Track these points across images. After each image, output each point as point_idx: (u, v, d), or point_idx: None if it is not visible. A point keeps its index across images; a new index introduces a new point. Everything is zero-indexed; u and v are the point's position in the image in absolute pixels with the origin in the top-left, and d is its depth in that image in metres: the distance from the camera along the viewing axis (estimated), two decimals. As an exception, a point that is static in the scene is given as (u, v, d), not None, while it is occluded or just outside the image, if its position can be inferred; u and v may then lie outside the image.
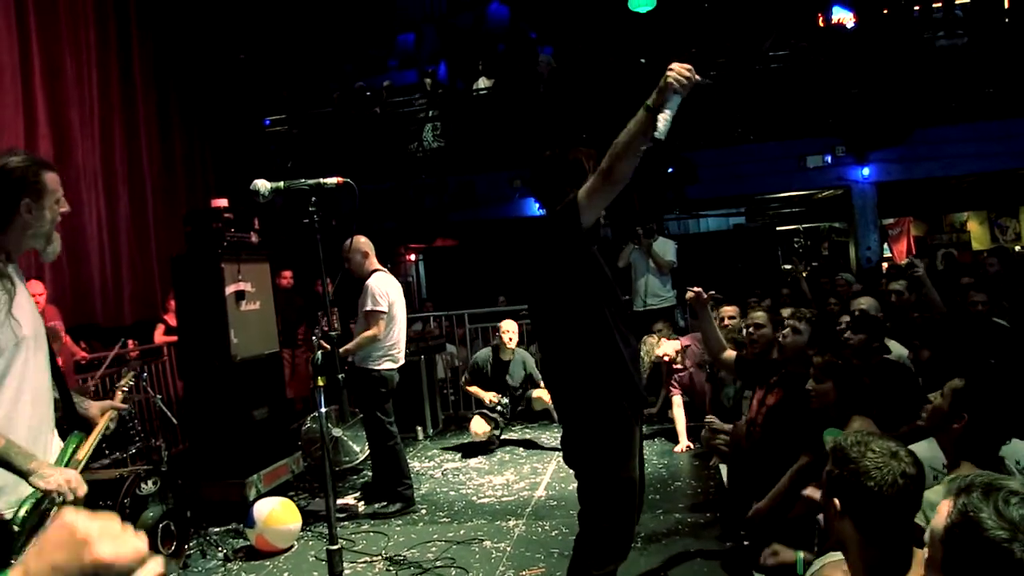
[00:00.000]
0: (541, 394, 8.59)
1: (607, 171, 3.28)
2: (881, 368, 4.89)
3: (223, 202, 7.01)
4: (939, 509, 1.69)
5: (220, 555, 5.83)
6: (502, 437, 8.85)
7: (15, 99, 8.01)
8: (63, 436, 3.10)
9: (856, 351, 4.91)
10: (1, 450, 2.72)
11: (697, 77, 3.01)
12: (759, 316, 5.39)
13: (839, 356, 4.17)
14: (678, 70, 2.97)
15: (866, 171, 12.24)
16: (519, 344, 8.91)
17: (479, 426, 8.51)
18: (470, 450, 8.54)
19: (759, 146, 12.54)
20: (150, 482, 5.27)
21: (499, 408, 8.61)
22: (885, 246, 16.80)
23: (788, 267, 14.36)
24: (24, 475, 2.75)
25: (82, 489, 2.85)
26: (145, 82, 10.22)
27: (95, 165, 9.14)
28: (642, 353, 8.56)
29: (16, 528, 2.75)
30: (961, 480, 1.70)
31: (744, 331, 5.50)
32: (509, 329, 8.70)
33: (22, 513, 2.77)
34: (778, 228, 17.47)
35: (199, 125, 11.42)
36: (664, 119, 3.07)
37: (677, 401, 8.17)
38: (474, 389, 8.84)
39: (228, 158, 11.86)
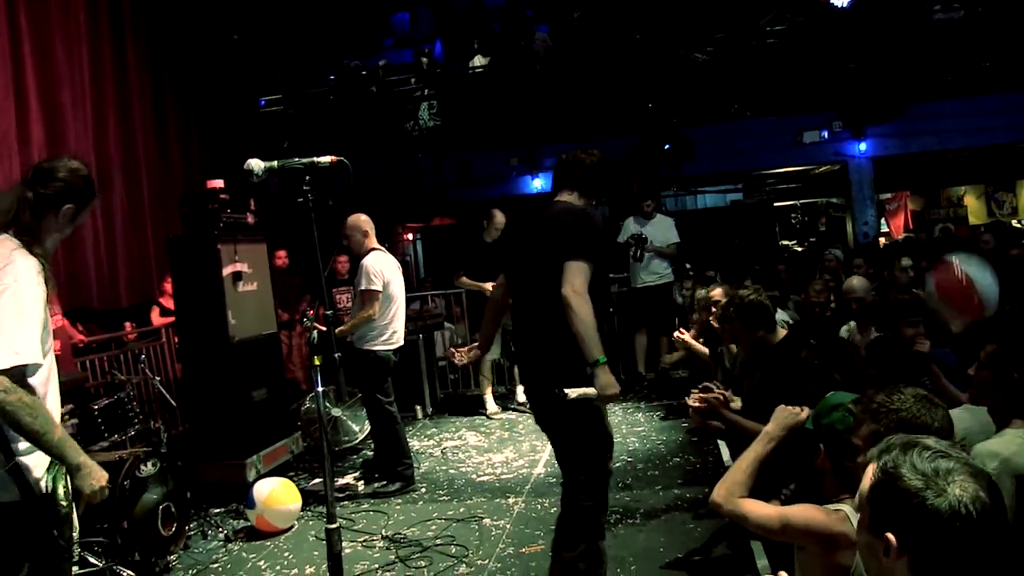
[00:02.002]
0: None
1: (575, 303, 3.71)
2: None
3: (219, 183, 6.99)
4: (867, 472, 1.71)
5: (221, 536, 5.86)
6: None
7: (7, 82, 7.95)
8: None
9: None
10: (58, 441, 2.76)
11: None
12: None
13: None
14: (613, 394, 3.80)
15: (863, 146, 12.20)
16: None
17: (493, 406, 8.88)
18: (469, 428, 8.57)
19: (756, 122, 12.48)
20: (150, 464, 5.27)
21: None
22: (882, 221, 16.79)
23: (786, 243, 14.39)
24: (73, 469, 2.80)
25: (105, 495, 2.93)
26: (138, 64, 10.14)
27: (88, 148, 9.08)
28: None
29: (63, 504, 2.80)
30: (883, 442, 1.73)
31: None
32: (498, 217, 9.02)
33: (61, 491, 2.81)
34: (775, 204, 17.43)
35: (194, 106, 11.34)
36: (580, 392, 3.71)
37: None
38: (466, 280, 9.00)
39: (223, 139, 11.80)
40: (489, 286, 8.54)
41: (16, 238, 2.88)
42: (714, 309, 7.41)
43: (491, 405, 9.08)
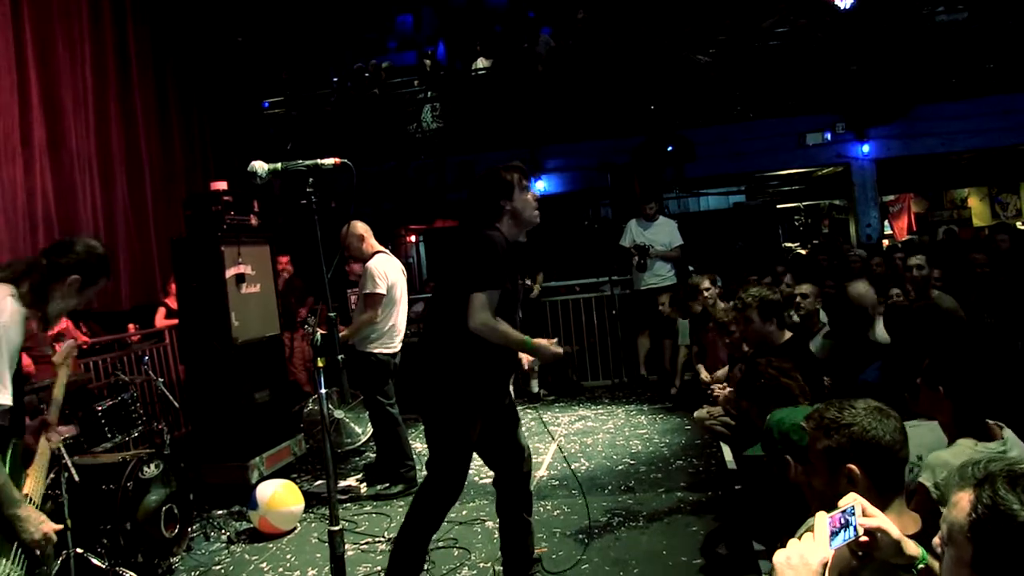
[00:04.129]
0: None
1: (487, 333, 3.91)
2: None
3: (222, 185, 6.98)
4: (956, 502, 1.63)
5: (223, 537, 5.86)
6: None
7: (10, 83, 7.98)
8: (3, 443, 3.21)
9: None
10: (3, 482, 2.94)
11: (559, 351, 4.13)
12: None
13: None
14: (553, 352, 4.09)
15: (866, 148, 12.20)
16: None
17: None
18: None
19: (759, 123, 12.47)
20: (153, 465, 5.27)
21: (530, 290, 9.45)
22: (886, 223, 16.77)
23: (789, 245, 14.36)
24: (12, 519, 2.94)
25: (52, 543, 3.08)
26: (141, 64, 10.16)
27: (90, 149, 9.10)
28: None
29: None
30: (975, 470, 1.65)
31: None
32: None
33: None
34: (778, 206, 17.42)
35: (197, 108, 11.36)
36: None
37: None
38: None
39: (227, 141, 11.82)
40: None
41: (16, 291, 3.09)
42: (706, 294, 7.56)
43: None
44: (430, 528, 4.16)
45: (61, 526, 3.13)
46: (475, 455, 4.23)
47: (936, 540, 1.74)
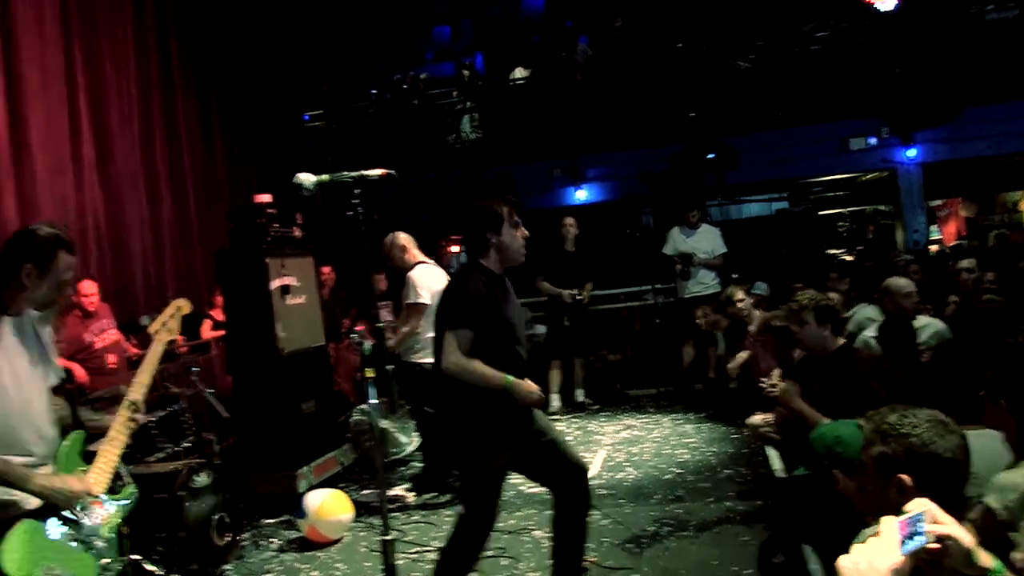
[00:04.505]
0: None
1: (463, 372, 3.88)
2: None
3: (266, 197, 7.05)
4: None
5: (273, 546, 5.89)
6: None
7: (60, 101, 8.11)
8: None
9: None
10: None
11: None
12: None
13: None
14: (530, 396, 3.97)
15: (912, 152, 12.02)
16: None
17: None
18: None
19: (801, 129, 12.32)
20: (203, 475, 5.32)
21: (578, 297, 9.41)
22: (933, 228, 16.51)
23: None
24: (35, 493, 3.08)
25: (82, 493, 3.19)
26: (184, 80, 10.30)
27: (136, 165, 9.23)
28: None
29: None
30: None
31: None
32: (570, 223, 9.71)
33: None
34: (821, 212, 17.22)
35: (239, 122, 11.48)
36: None
37: None
38: (546, 286, 9.49)
39: (269, 154, 11.93)
40: (566, 292, 9.35)
41: None
42: (739, 305, 7.47)
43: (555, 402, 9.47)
44: (472, 554, 4.13)
45: (88, 480, 3.21)
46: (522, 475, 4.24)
47: (1018, 555, 1.69)
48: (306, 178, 3.62)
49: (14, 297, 3.23)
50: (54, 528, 3.09)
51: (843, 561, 1.76)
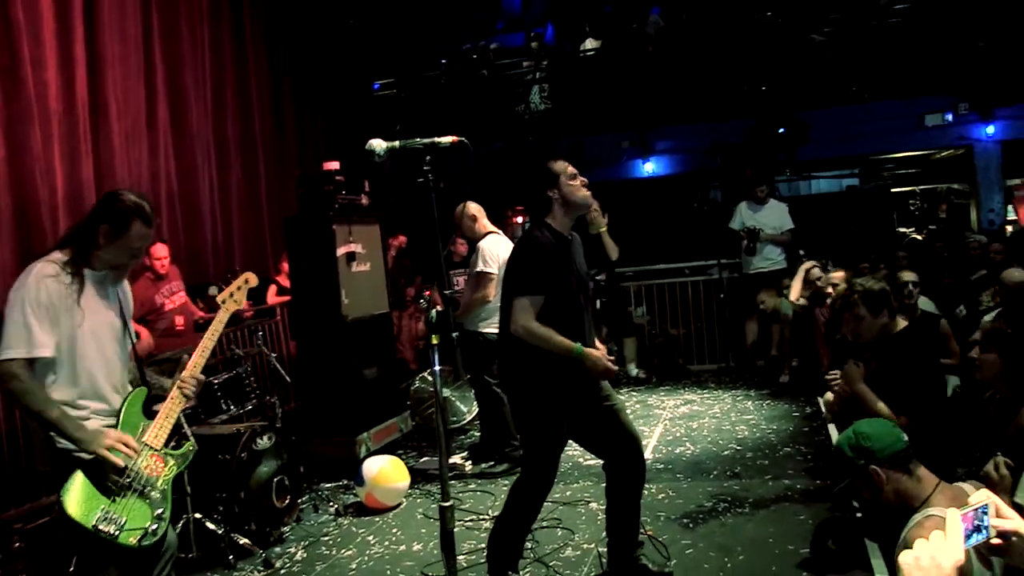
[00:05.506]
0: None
1: (532, 336, 3.93)
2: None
3: (335, 165, 7.11)
4: None
5: (331, 510, 6.00)
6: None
7: (138, 67, 8.26)
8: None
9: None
10: (56, 419, 3.20)
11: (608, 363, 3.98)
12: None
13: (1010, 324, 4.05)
14: (602, 366, 3.95)
15: (991, 129, 11.66)
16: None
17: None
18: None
19: (875, 105, 12.02)
20: (265, 438, 5.43)
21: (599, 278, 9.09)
22: (1009, 208, 16.04)
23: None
24: (77, 442, 3.20)
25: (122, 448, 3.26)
26: (256, 46, 10.40)
27: (208, 130, 9.37)
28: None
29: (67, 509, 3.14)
30: None
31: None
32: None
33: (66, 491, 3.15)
34: (893, 190, 16.86)
35: (309, 89, 11.58)
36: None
37: None
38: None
39: (338, 122, 12.03)
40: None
41: (63, 253, 3.39)
42: (830, 291, 7.33)
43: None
44: (527, 518, 4.21)
45: (128, 437, 3.30)
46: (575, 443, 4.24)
47: None
48: (377, 144, 3.63)
49: (93, 254, 3.40)
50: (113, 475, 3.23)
51: (905, 558, 1.70)
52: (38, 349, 3.22)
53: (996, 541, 1.77)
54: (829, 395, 5.80)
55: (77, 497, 3.10)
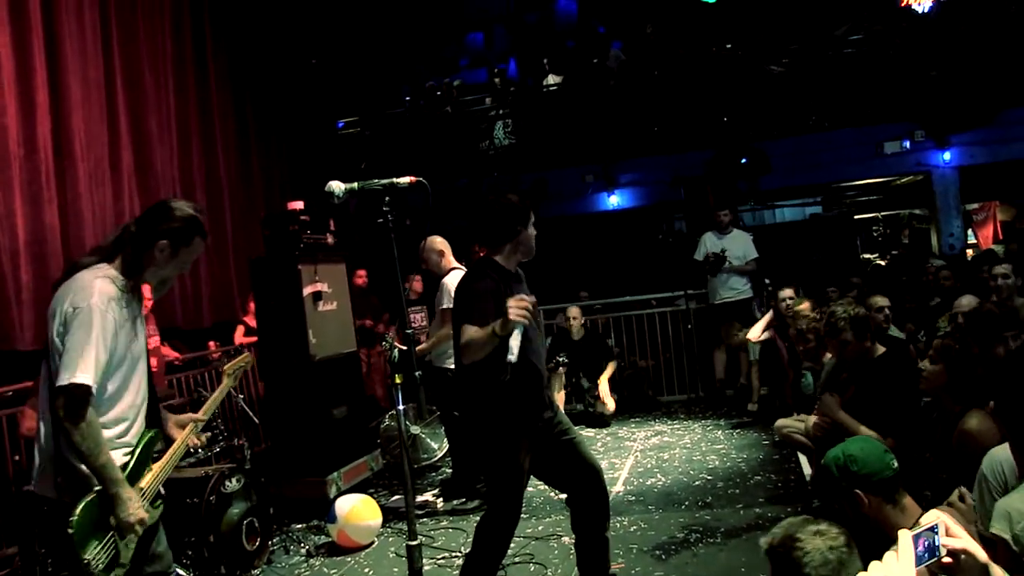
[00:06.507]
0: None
1: (463, 351, 3.90)
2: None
3: (299, 205, 7.12)
4: None
5: (303, 551, 5.95)
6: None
7: (101, 110, 8.22)
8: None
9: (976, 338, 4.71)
10: (101, 465, 2.99)
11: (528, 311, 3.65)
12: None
13: (959, 341, 4.15)
14: (518, 309, 3.57)
15: (947, 155, 11.89)
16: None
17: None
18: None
19: (834, 133, 12.25)
20: (234, 480, 5.38)
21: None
22: (969, 232, 16.32)
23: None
24: (112, 497, 3.02)
25: (140, 532, 3.14)
26: (220, 89, 10.40)
27: (173, 172, 9.34)
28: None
29: (72, 528, 2.97)
30: None
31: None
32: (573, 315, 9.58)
33: (78, 514, 2.99)
34: (856, 216, 17.09)
35: (274, 130, 11.58)
36: (515, 343, 3.56)
37: None
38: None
39: (303, 161, 12.04)
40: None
41: (113, 268, 3.15)
42: (789, 303, 7.50)
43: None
44: (496, 554, 4.18)
45: (149, 515, 3.19)
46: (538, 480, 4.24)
47: None
48: (336, 186, 3.67)
49: (147, 269, 3.24)
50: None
51: None
52: (104, 379, 3.06)
53: (947, 560, 1.81)
54: (782, 420, 5.91)
55: (82, 520, 2.98)
